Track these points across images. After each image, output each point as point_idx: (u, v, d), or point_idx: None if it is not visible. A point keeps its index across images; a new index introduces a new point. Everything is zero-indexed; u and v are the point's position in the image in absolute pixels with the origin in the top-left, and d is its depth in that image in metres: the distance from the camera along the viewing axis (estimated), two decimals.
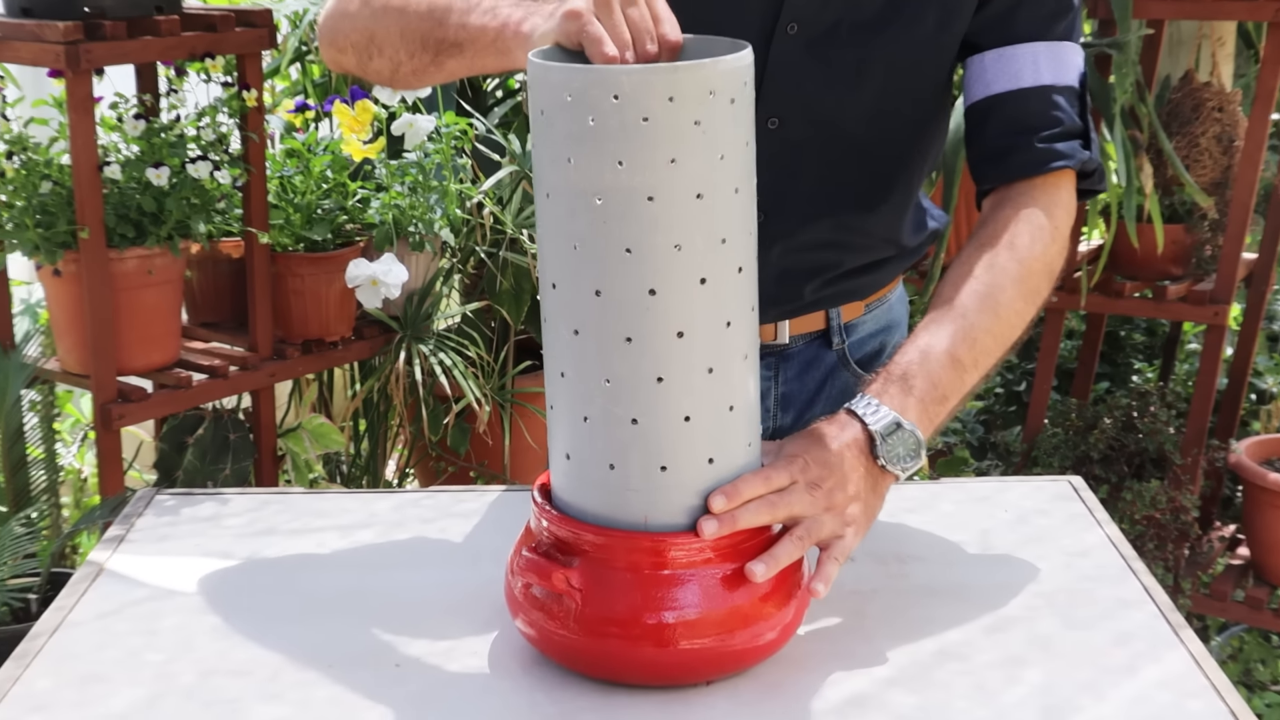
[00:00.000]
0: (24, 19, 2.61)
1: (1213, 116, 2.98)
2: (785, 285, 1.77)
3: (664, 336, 1.26)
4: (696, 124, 1.23)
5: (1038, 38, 1.66)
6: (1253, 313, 3.11)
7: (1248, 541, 3.08)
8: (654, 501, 1.31)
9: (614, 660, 1.33)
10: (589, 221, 1.25)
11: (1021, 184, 1.65)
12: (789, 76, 1.66)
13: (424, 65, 1.56)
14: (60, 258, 2.63)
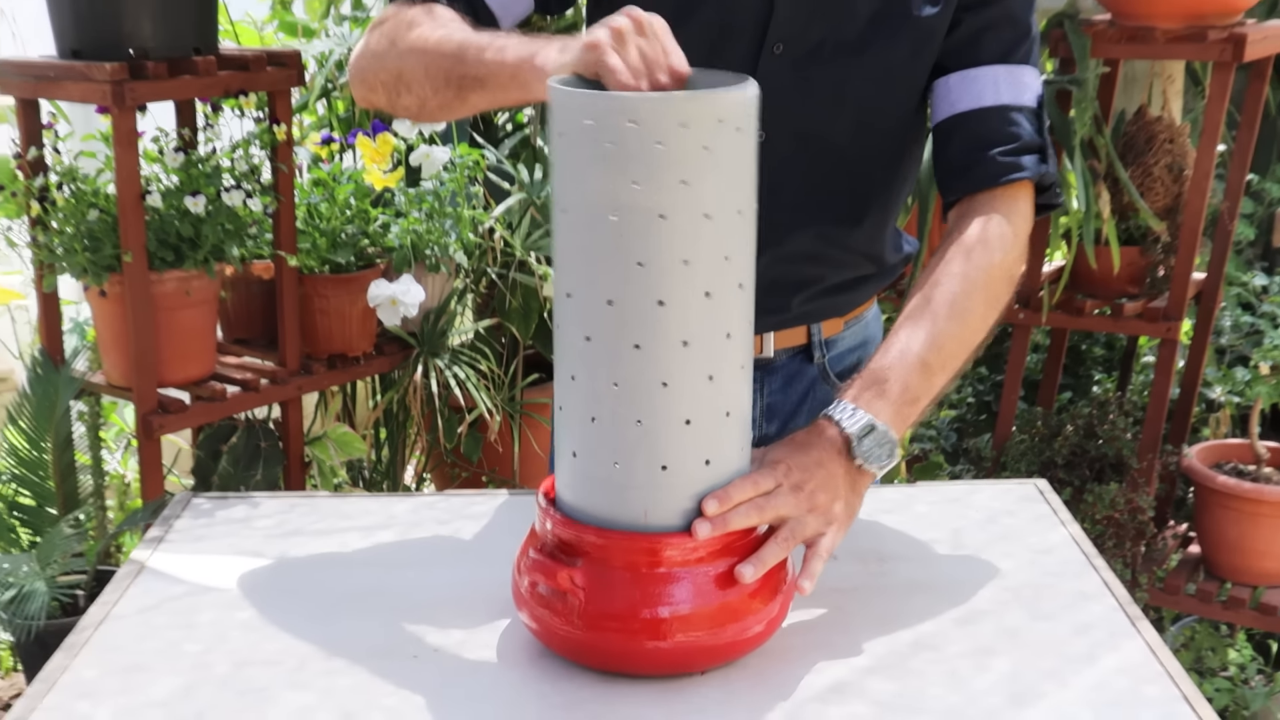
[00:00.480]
0: (74, 60, 2.62)
1: (1164, 148, 2.99)
2: (773, 295, 1.76)
3: (670, 345, 1.27)
4: (706, 149, 1.23)
5: (998, 61, 1.66)
6: (1202, 328, 3.11)
7: (1199, 539, 3.08)
8: (654, 499, 1.31)
9: (614, 653, 1.33)
10: (604, 236, 1.26)
11: (984, 195, 1.65)
12: (775, 93, 1.65)
13: (448, 100, 1.55)
14: (106, 280, 2.63)
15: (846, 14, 1.64)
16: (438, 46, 1.55)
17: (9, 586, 2.50)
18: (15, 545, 2.74)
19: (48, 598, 2.47)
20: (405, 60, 1.58)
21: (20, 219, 2.76)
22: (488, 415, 3.18)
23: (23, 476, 2.82)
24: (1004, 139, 1.65)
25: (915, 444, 3.66)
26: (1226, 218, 3.08)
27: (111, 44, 2.60)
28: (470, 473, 3.43)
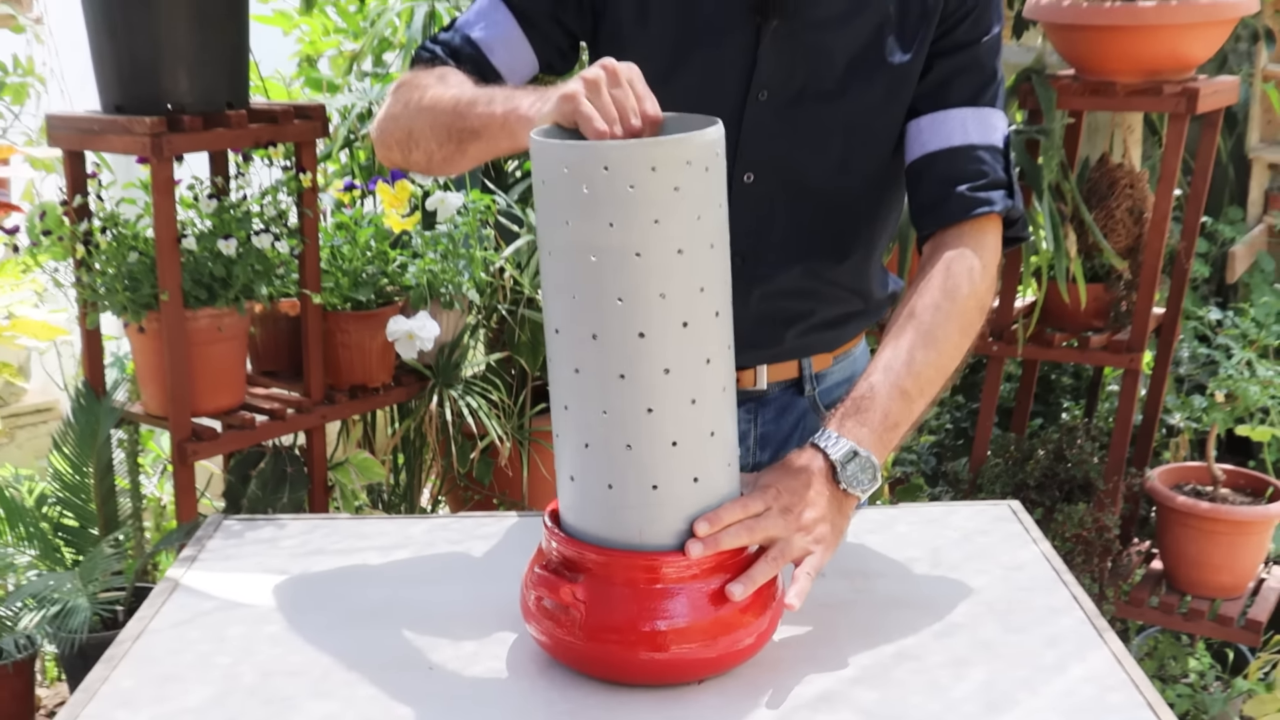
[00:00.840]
0: (117, 115, 2.63)
1: (1125, 192, 2.99)
2: (764, 330, 1.77)
3: (652, 373, 1.27)
4: (676, 189, 1.24)
5: (967, 104, 1.67)
6: (1162, 359, 3.11)
7: (1161, 556, 3.08)
8: (647, 517, 1.31)
9: (614, 663, 1.33)
10: (585, 275, 1.26)
11: (954, 229, 1.65)
12: (760, 137, 1.67)
13: (451, 153, 1.57)
14: (144, 317, 2.63)
15: (825, 63, 1.65)
16: (441, 105, 1.56)
17: (54, 602, 2.50)
18: (60, 564, 2.74)
19: (89, 613, 2.47)
20: (415, 119, 1.60)
21: (66, 261, 2.77)
22: (498, 442, 3.17)
23: (67, 500, 2.82)
24: (973, 176, 1.65)
25: (897, 467, 3.66)
26: (1183, 257, 3.08)
27: (151, 100, 2.61)
28: (482, 495, 3.42)
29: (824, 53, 1.65)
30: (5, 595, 2.69)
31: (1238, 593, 3.01)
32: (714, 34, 1.65)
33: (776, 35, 1.64)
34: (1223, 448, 3.62)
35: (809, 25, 1.64)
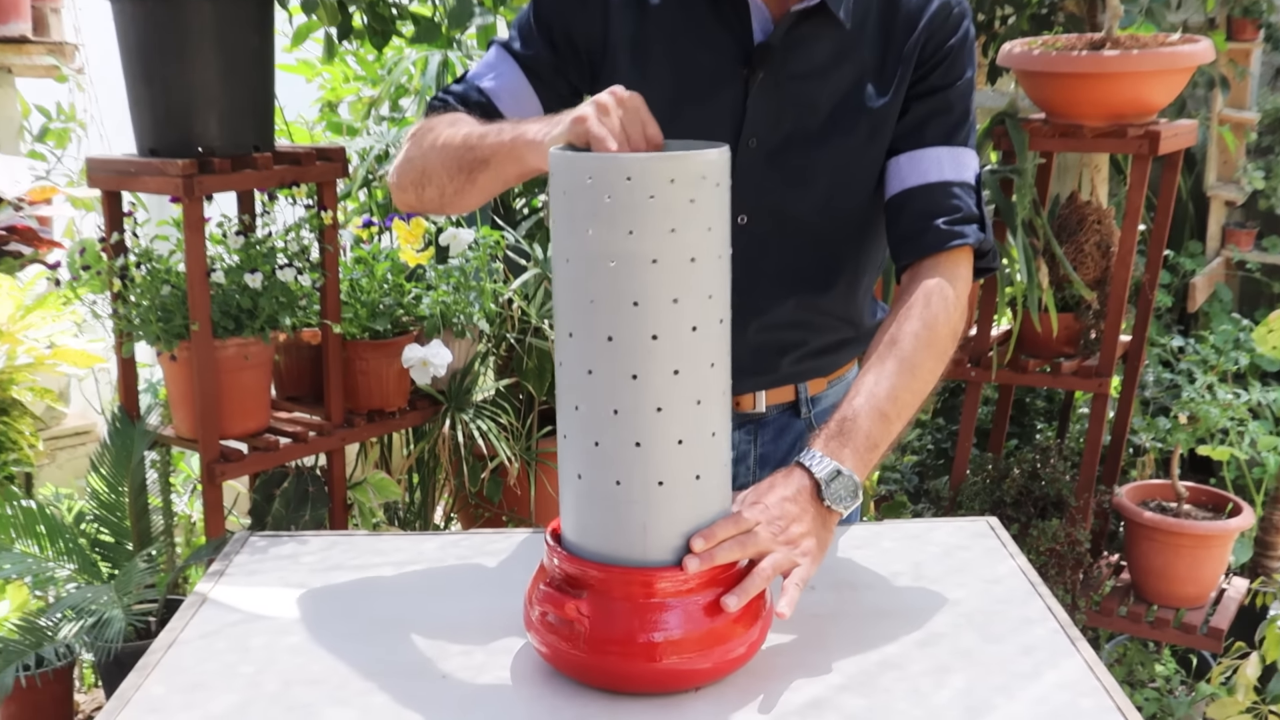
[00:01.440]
0: (151, 157, 2.63)
1: (1093, 228, 3.00)
2: (762, 358, 1.78)
3: (663, 374, 1.28)
4: (692, 201, 1.25)
5: (942, 143, 1.67)
6: (1129, 383, 3.11)
7: (1129, 568, 3.07)
8: (651, 513, 1.31)
9: (614, 673, 1.32)
10: (604, 280, 1.27)
11: (930, 260, 1.65)
12: (751, 181, 1.67)
13: (462, 184, 1.57)
14: (176, 346, 2.63)
15: (809, 110, 1.66)
16: (453, 142, 1.58)
17: (91, 614, 2.49)
18: (97, 577, 2.73)
19: (124, 623, 2.46)
20: (428, 158, 1.61)
21: (104, 294, 2.77)
22: (507, 463, 3.17)
23: (103, 517, 2.82)
24: (948, 210, 1.66)
25: (882, 485, 3.66)
26: (1147, 288, 3.08)
27: (183, 144, 2.62)
28: (492, 513, 3.42)
29: (808, 101, 1.66)
30: (46, 607, 2.69)
31: (1200, 602, 3.00)
32: (706, 86, 1.66)
33: (763, 86, 1.65)
34: (1186, 466, 3.62)
35: (792, 76, 1.65)
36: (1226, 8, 4.43)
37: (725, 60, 1.65)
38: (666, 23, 1.67)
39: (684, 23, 1.66)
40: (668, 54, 1.67)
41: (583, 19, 1.70)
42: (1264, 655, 2.69)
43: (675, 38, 1.67)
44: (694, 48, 1.66)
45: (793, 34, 1.64)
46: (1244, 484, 3.98)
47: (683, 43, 1.67)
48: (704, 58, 1.66)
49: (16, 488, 3.21)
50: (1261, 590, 3.09)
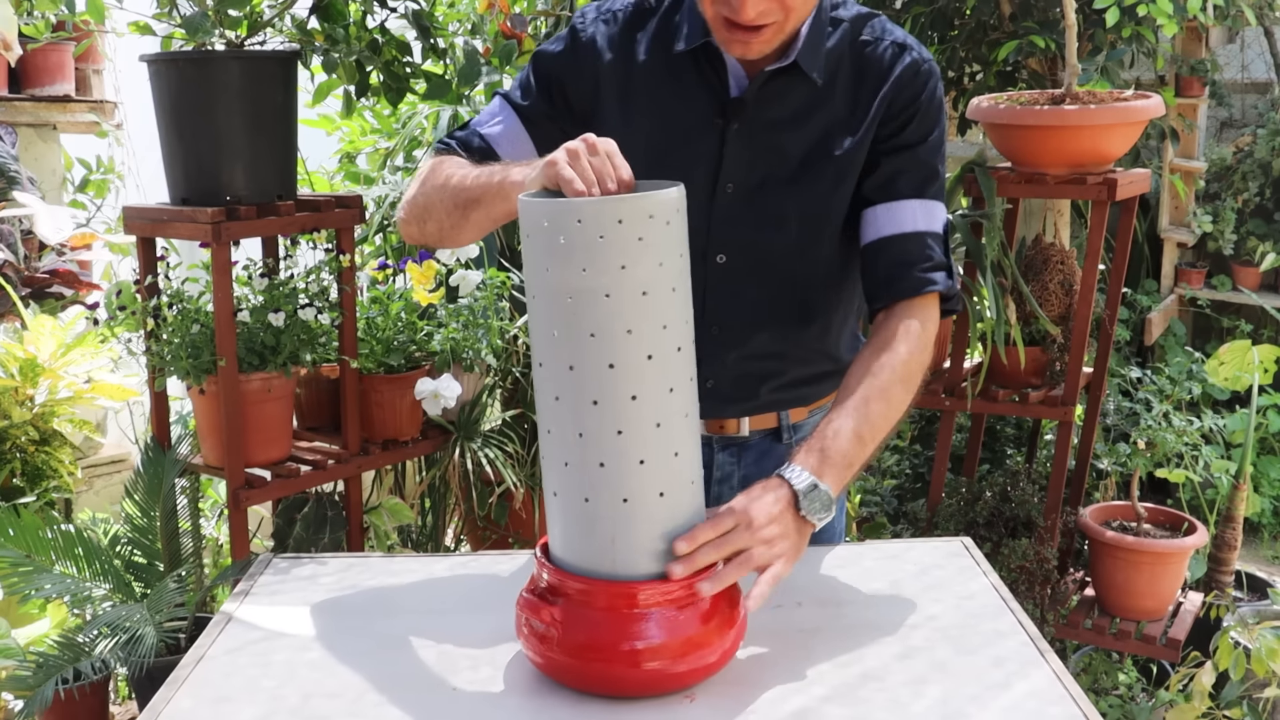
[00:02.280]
0: (183, 206, 2.64)
1: (1057, 268, 3.00)
2: (742, 387, 1.79)
3: (621, 400, 1.29)
4: (640, 240, 1.27)
5: (915, 196, 1.68)
6: (1091, 412, 3.10)
7: (1093, 583, 3.06)
8: (619, 528, 1.32)
9: (589, 676, 1.33)
10: (563, 314, 1.29)
11: (904, 303, 1.67)
12: (728, 223, 1.69)
13: (457, 220, 1.61)
14: (204, 380, 2.63)
15: (780, 157, 1.68)
16: (451, 182, 1.61)
17: (125, 630, 2.48)
18: (130, 597, 2.72)
19: (155, 640, 2.44)
20: (430, 196, 1.65)
21: (138, 332, 2.77)
22: (513, 488, 3.16)
23: (136, 540, 2.81)
24: (921, 259, 1.67)
25: (863, 508, 3.64)
26: (1107, 323, 3.08)
27: (212, 193, 2.62)
28: (499, 535, 3.40)
29: (779, 149, 1.68)
30: (83, 624, 2.67)
31: (1159, 615, 2.99)
32: (686, 136, 1.68)
33: (738, 136, 1.67)
34: (1145, 488, 3.61)
35: (765, 126, 1.67)
36: (1175, 66, 4.47)
37: (703, 113, 1.67)
38: (651, 79, 1.69)
39: (666, 79, 1.69)
40: (651, 107, 1.70)
41: (576, 78, 1.72)
42: (1217, 664, 2.69)
43: (658, 92, 1.69)
44: (675, 101, 1.68)
45: (766, 89, 1.66)
46: (1198, 504, 3.98)
47: (665, 97, 1.69)
48: (684, 110, 1.68)
49: (57, 513, 3.20)
50: (1215, 603, 3.08)
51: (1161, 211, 4.79)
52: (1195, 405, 4.11)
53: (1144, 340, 4.72)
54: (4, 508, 2.79)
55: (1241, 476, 3.22)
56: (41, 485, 3.22)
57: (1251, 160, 4.80)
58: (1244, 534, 3.66)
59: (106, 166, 4.53)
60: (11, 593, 2.64)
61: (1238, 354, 3.42)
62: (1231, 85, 5.01)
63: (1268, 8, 3.69)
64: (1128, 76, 4.25)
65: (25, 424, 3.17)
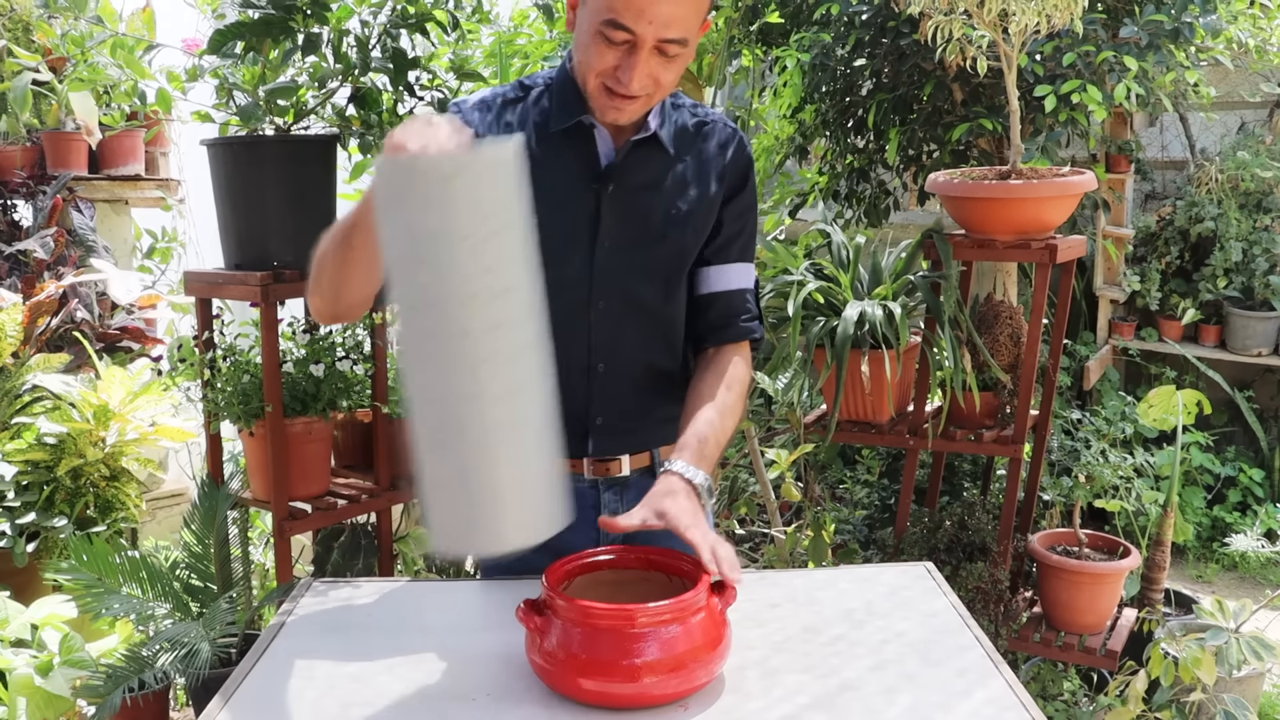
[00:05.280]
0: (235, 270, 2.65)
1: (1006, 322, 3.00)
2: (628, 419, 1.79)
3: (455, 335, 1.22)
4: (484, 191, 1.22)
5: (740, 260, 1.80)
6: (1038, 449, 3.09)
7: (1041, 601, 3.03)
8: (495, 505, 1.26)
9: (587, 692, 1.33)
10: (399, 260, 1.24)
11: (730, 345, 1.79)
12: (608, 272, 1.71)
13: (340, 259, 1.53)
14: (253, 424, 2.63)
15: (646, 216, 1.71)
16: (329, 231, 1.57)
17: (183, 645, 2.46)
18: (188, 615, 2.69)
19: (210, 654, 2.42)
20: (320, 249, 1.59)
21: (196, 381, 2.77)
22: None
23: (193, 565, 2.79)
24: (743, 312, 1.80)
25: (837, 535, 3.62)
26: (1051, 370, 3.08)
27: (261, 259, 2.62)
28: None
29: (646, 209, 1.71)
30: (147, 639, 2.65)
31: (1099, 629, 2.97)
32: (566, 201, 1.69)
33: (611, 198, 1.69)
34: (1085, 517, 3.60)
35: (632, 189, 1.70)
36: (1105, 146, 4.50)
37: (580, 180, 1.69)
38: (534, 154, 1.68)
39: (544, 154, 1.69)
40: (534, 177, 1.67)
41: None
42: (1150, 672, 2.67)
43: (540, 164, 1.67)
44: (554, 172, 1.69)
45: (631, 157, 1.69)
46: (1132, 530, 3.96)
47: (544, 169, 1.68)
48: (563, 179, 1.69)
49: (124, 541, 3.18)
50: (1147, 618, 3.06)
51: (1096, 272, 4.81)
52: (1128, 443, 4.10)
53: (1083, 385, 4.71)
54: (79, 536, 2.78)
55: (1169, 505, 3.21)
56: (111, 516, 3.21)
57: (1172, 228, 4.82)
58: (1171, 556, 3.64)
59: (170, 236, 4.54)
60: (85, 611, 2.63)
61: (1164, 398, 3.41)
62: (1153, 163, 5.05)
63: (1182, 98, 3.71)
64: (1064, 155, 4.27)
65: (98, 462, 3.16)
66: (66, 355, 3.42)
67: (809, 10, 3.53)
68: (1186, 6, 2.99)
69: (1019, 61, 2.74)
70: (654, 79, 1.58)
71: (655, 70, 1.57)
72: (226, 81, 2.63)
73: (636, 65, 1.55)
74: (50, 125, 4.04)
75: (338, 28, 2.68)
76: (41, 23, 3.57)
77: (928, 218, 4.60)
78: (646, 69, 1.56)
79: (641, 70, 1.56)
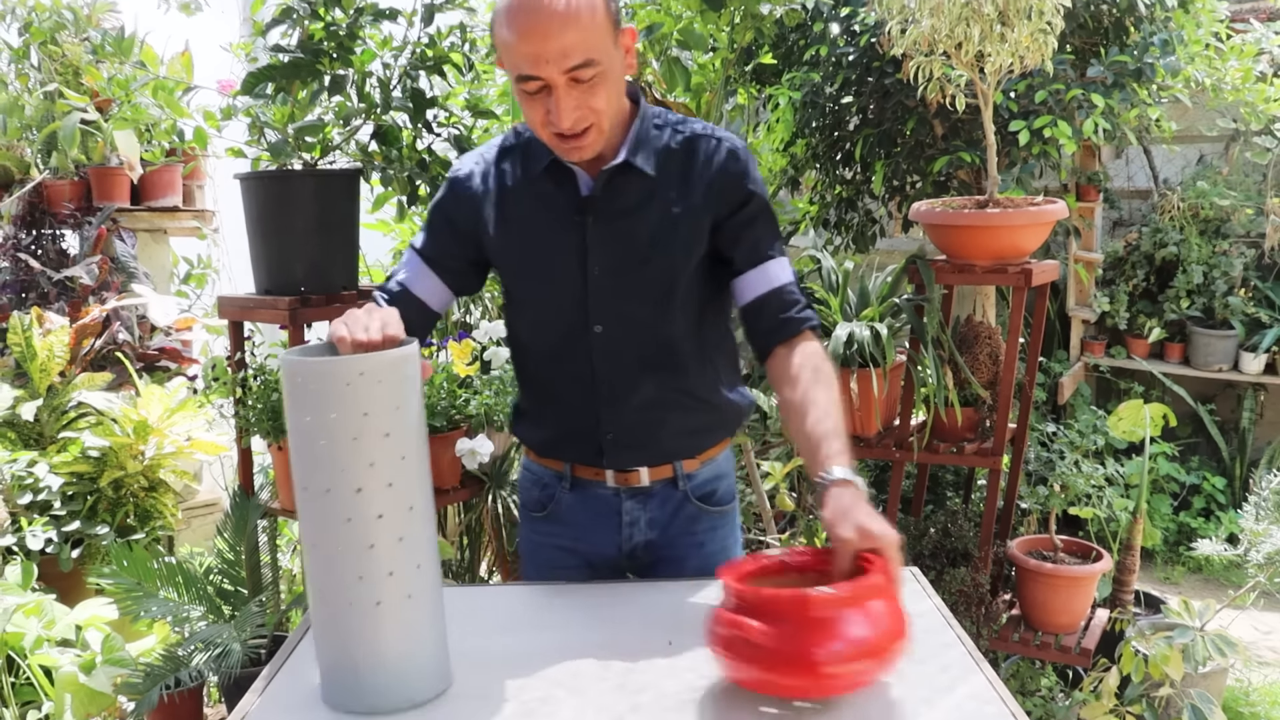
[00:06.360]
0: (265, 295, 2.65)
1: (985, 341, 3.00)
2: (637, 435, 1.76)
3: (337, 524, 1.28)
4: (381, 386, 1.27)
5: (774, 256, 1.70)
6: (1016, 460, 3.08)
7: (1019, 603, 3.02)
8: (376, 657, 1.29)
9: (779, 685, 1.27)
10: (300, 452, 1.29)
11: (792, 340, 1.68)
12: (600, 299, 1.69)
13: None
14: (282, 439, 2.62)
15: (632, 240, 1.67)
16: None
17: (216, 646, 2.46)
18: (221, 617, 2.69)
19: (241, 654, 2.42)
20: None
21: (228, 398, 2.77)
22: None
23: (225, 570, 2.79)
24: (793, 305, 1.70)
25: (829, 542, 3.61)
26: (1027, 386, 3.08)
27: (289, 285, 2.63)
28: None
29: (632, 233, 1.67)
30: (182, 640, 2.64)
31: (1074, 629, 2.96)
32: (553, 234, 1.69)
33: (596, 226, 1.67)
34: (1060, 523, 3.59)
35: (614, 216, 1.67)
36: (1075, 177, 4.50)
37: (565, 213, 1.68)
38: (520, 195, 1.71)
39: (532, 193, 1.70)
40: (523, 216, 1.71)
41: (457, 210, 1.74)
42: (1121, 669, 2.66)
43: (527, 204, 1.71)
44: (541, 209, 1.69)
45: (609, 186, 1.67)
46: (1103, 536, 3.94)
47: (532, 207, 1.70)
48: (549, 214, 1.69)
49: (161, 547, 3.18)
50: (1119, 618, 3.05)
51: (1069, 294, 4.81)
52: (1100, 454, 4.09)
53: (1057, 400, 4.71)
54: (120, 543, 2.78)
55: (1138, 512, 3.20)
56: (150, 525, 3.21)
57: (1138, 253, 4.83)
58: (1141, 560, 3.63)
59: (205, 263, 4.55)
60: (125, 613, 2.63)
61: (1133, 411, 3.41)
62: (1120, 192, 5.06)
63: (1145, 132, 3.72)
64: (1038, 185, 4.28)
65: (137, 474, 3.16)
66: (109, 374, 3.43)
67: (800, 51, 3.55)
68: (1148, 49, 3.00)
69: (995, 99, 2.75)
70: (586, 108, 1.55)
71: (581, 100, 1.54)
72: (258, 120, 2.64)
73: (559, 104, 1.52)
74: (96, 161, 4.06)
75: (361, 70, 2.70)
76: (90, 67, 3.59)
77: (911, 244, 4.60)
78: (570, 103, 1.53)
79: (566, 106, 1.53)
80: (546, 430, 1.82)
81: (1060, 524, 3.60)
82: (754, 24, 3.24)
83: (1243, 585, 3.50)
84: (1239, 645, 2.67)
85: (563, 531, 1.83)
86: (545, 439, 1.82)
